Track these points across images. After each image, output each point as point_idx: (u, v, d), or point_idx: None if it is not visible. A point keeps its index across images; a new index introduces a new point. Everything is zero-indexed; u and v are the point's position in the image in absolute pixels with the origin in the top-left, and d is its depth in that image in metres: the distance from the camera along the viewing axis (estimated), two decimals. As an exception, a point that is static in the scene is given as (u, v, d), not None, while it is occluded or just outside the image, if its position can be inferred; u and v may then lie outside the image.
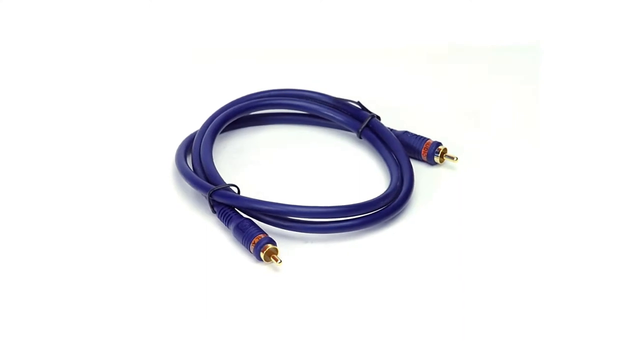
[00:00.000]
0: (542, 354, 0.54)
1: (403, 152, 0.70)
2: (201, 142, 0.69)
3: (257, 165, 0.71)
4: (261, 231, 0.61)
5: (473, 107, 0.79)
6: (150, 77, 0.83)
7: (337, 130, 0.75)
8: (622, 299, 0.58)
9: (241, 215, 0.63)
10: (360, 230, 0.64)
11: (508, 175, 0.70)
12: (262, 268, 0.61)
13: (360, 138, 0.73)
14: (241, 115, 0.73)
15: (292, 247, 0.62)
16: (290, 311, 0.57)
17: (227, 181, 0.66)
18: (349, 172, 0.71)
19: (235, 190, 0.65)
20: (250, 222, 0.62)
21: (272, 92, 0.75)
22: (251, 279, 0.60)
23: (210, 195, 0.64)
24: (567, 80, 0.81)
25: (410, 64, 0.86)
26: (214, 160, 0.68)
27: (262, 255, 0.60)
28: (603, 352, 0.55)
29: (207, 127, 0.71)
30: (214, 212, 0.64)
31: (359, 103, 0.73)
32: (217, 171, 0.66)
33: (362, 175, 0.70)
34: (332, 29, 0.89)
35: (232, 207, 0.64)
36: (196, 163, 0.68)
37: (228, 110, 0.72)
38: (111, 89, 0.80)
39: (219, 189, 0.64)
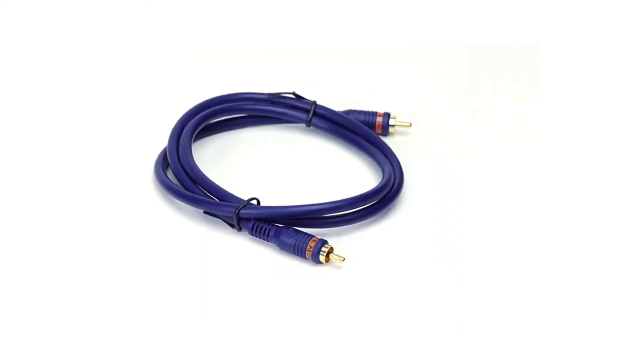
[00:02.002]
0: (539, 351, 0.54)
1: (371, 132, 0.71)
2: (181, 160, 0.67)
3: (228, 174, 0.69)
4: (310, 235, 0.61)
5: (473, 107, 0.79)
6: (150, 77, 0.83)
7: (279, 125, 0.75)
8: (622, 299, 0.58)
9: (279, 226, 0.62)
10: (369, 219, 0.64)
11: (508, 175, 0.70)
12: (262, 269, 0.61)
13: (309, 127, 0.73)
14: (208, 122, 0.72)
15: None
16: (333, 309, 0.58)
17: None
18: (324, 162, 0.71)
19: (255, 202, 0.63)
20: (293, 229, 0.61)
21: (212, 101, 0.73)
22: (252, 279, 0.60)
23: (237, 214, 0.62)
24: (567, 80, 0.81)
25: (410, 64, 0.86)
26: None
27: (322, 258, 0.60)
28: (602, 350, 0.55)
29: (176, 147, 0.68)
30: (239, 229, 0.63)
31: (294, 93, 0.73)
32: (222, 188, 0.64)
33: (339, 163, 0.71)
34: (332, 29, 0.89)
35: (263, 220, 0.62)
36: (185, 181, 0.66)
37: (190, 126, 0.70)
38: (111, 89, 0.80)
39: (244, 205, 0.62)
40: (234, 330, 0.56)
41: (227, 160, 0.71)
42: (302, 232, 0.61)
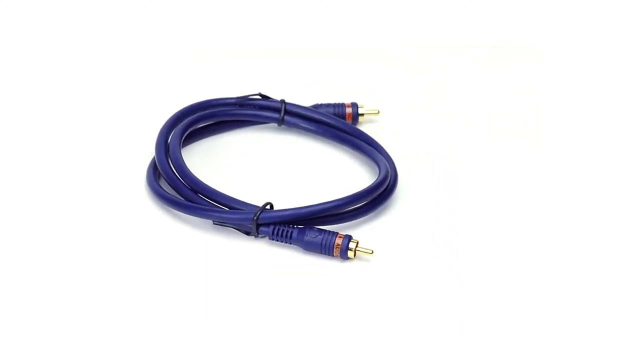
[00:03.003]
0: (535, 347, 0.54)
1: (348, 124, 0.71)
2: (176, 173, 0.65)
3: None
4: (334, 232, 0.61)
5: (473, 107, 0.79)
6: (150, 77, 0.83)
7: (251, 128, 0.74)
8: (622, 299, 0.58)
9: (299, 227, 0.61)
10: (371, 214, 0.64)
11: (507, 175, 0.70)
12: (264, 270, 0.61)
13: (280, 126, 0.73)
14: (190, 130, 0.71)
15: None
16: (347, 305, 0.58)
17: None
18: (308, 161, 0.71)
19: (269, 206, 0.62)
20: (317, 228, 0.61)
21: (187, 111, 0.71)
22: (254, 279, 0.60)
23: (256, 220, 0.61)
24: (567, 80, 0.81)
25: (410, 64, 0.86)
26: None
27: (350, 254, 0.60)
28: (602, 351, 0.55)
29: (167, 160, 0.66)
30: (257, 236, 0.62)
31: (260, 94, 0.73)
32: (231, 196, 0.63)
33: (322, 161, 0.71)
34: (332, 29, 0.89)
35: (284, 223, 0.61)
36: (185, 192, 0.64)
37: (176, 137, 0.68)
38: (111, 89, 0.80)
39: (262, 211, 0.61)
40: (234, 323, 0.56)
41: (211, 168, 0.69)
42: (325, 230, 0.61)
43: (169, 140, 0.68)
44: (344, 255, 0.60)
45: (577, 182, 0.69)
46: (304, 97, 0.76)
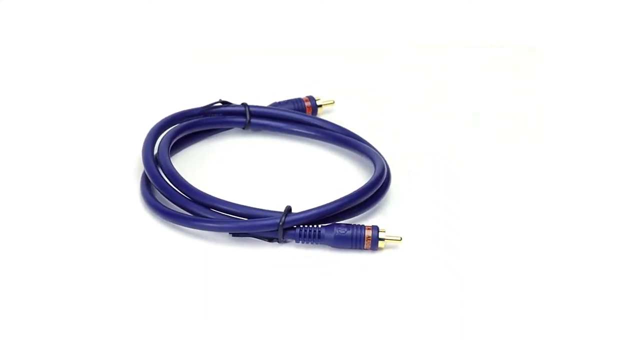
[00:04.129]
0: (532, 345, 0.54)
1: (322, 120, 0.72)
2: (173, 187, 0.64)
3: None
4: (361, 225, 0.61)
5: (473, 107, 0.79)
6: (150, 77, 0.83)
7: (217, 135, 0.73)
8: (622, 300, 0.58)
9: (326, 226, 0.61)
10: (368, 211, 0.65)
11: (507, 175, 0.70)
12: (265, 270, 0.61)
13: (246, 129, 0.72)
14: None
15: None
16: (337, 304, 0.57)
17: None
18: (284, 160, 0.71)
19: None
20: (344, 224, 0.61)
21: (161, 125, 0.70)
22: (256, 279, 0.60)
23: (282, 225, 0.60)
24: (566, 81, 0.81)
25: (410, 64, 0.86)
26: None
27: (381, 244, 0.60)
28: (602, 350, 0.55)
29: (162, 180, 0.65)
30: (282, 241, 0.61)
31: (220, 100, 0.72)
32: (248, 205, 0.62)
33: (302, 157, 0.71)
34: (332, 29, 0.89)
35: (307, 224, 0.61)
36: (194, 208, 0.63)
37: (163, 154, 0.67)
38: (111, 89, 0.80)
39: (286, 216, 0.60)
40: (234, 324, 0.56)
41: (191, 181, 0.66)
42: (352, 224, 0.61)
43: (156, 155, 0.67)
44: (374, 246, 0.60)
45: (576, 182, 0.69)
46: (303, 97, 0.76)
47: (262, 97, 0.76)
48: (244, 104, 0.72)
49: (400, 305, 0.57)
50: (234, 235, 0.61)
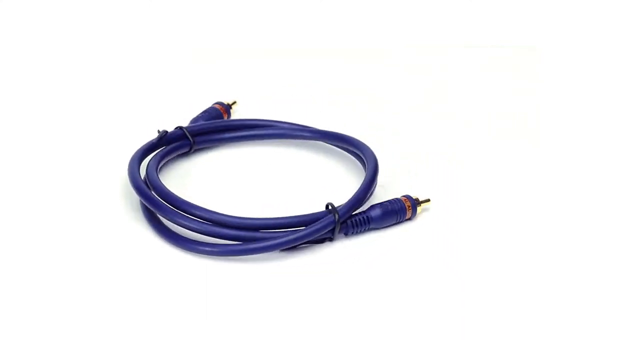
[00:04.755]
0: (533, 344, 0.54)
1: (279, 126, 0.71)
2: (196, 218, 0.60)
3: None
4: (395, 198, 0.63)
5: (473, 107, 0.79)
6: (150, 77, 0.83)
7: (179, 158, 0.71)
8: (622, 300, 0.58)
9: (369, 209, 0.62)
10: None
11: (507, 175, 0.70)
12: (267, 270, 0.61)
13: (192, 151, 0.70)
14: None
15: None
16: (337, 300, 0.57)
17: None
18: (265, 168, 0.70)
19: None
20: (379, 204, 0.62)
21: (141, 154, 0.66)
22: (257, 280, 0.60)
23: (338, 219, 0.60)
24: (566, 81, 0.81)
25: (410, 64, 0.86)
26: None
27: (419, 209, 0.64)
28: (602, 350, 0.55)
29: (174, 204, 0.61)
30: (332, 239, 0.61)
31: (158, 131, 0.68)
32: (282, 216, 0.60)
33: (283, 165, 0.70)
34: (332, 29, 0.89)
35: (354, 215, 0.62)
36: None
37: (153, 180, 0.64)
38: (111, 89, 0.80)
39: (337, 211, 0.60)
40: (233, 326, 0.56)
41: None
42: (385, 202, 0.63)
43: (158, 184, 0.63)
44: (414, 214, 0.63)
45: (576, 182, 0.69)
46: (304, 97, 0.76)
47: (262, 97, 0.76)
48: (179, 127, 0.69)
49: (400, 305, 0.57)
50: (284, 250, 0.60)
